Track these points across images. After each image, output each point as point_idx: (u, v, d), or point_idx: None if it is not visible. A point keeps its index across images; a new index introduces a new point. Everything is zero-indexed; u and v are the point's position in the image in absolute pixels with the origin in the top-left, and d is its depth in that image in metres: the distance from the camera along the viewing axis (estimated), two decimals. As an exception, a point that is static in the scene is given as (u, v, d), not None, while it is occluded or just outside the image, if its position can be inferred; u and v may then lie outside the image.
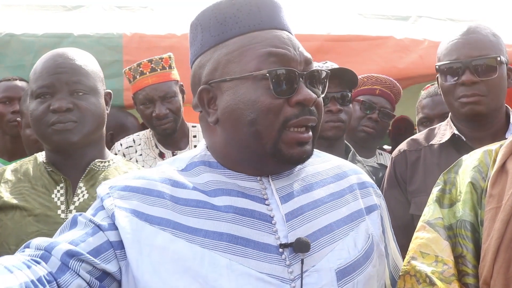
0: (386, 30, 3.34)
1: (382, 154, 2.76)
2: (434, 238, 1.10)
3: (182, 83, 2.54)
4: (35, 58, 1.54)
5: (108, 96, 1.60)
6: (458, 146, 1.76)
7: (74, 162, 1.52)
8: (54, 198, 1.48)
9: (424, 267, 1.07)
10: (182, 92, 2.55)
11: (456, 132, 1.77)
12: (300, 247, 0.93)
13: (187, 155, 1.08)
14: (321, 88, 1.02)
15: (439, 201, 1.15)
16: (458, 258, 1.07)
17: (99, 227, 0.93)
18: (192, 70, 1.05)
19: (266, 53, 0.95)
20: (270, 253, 0.93)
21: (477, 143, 1.60)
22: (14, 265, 0.82)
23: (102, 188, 1.00)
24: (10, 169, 1.56)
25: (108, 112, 1.58)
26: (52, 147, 1.52)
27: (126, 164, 1.63)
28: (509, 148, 1.08)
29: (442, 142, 1.81)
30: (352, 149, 2.05)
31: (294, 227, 0.97)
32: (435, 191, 1.18)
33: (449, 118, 1.87)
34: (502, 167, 1.07)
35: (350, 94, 1.94)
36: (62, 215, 1.45)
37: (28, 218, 1.43)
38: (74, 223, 0.96)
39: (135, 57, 2.75)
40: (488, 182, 1.08)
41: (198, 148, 1.09)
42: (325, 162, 1.13)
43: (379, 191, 1.17)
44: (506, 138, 1.15)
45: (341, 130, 1.93)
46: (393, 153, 1.99)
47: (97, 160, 1.55)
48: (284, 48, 0.96)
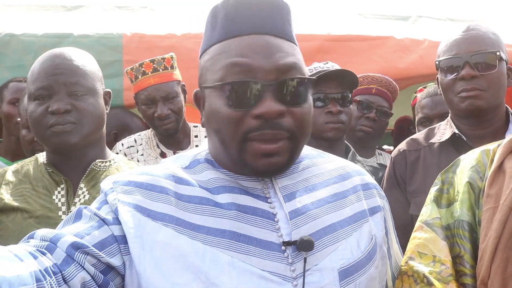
0: (386, 30, 3.34)
1: (381, 154, 2.76)
2: (432, 238, 1.10)
3: (184, 83, 2.55)
4: (35, 58, 1.53)
5: (107, 95, 1.59)
6: (458, 146, 1.75)
7: (74, 163, 1.51)
8: (55, 200, 1.47)
9: (421, 267, 1.07)
10: (184, 92, 2.56)
11: (456, 131, 1.77)
12: (303, 246, 0.93)
13: (191, 153, 1.08)
14: (299, 97, 0.95)
15: (437, 201, 1.15)
16: (455, 258, 1.07)
17: (104, 221, 0.93)
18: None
19: (229, 63, 0.94)
20: (272, 251, 0.93)
21: (477, 142, 1.60)
22: (23, 254, 0.82)
23: (106, 183, 1.01)
24: (11, 170, 1.56)
25: (107, 111, 1.57)
26: (51, 149, 1.51)
27: (128, 163, 1.63)
28: (506, 147, 1.08)
29: (442, 141, 1.81)
30: (352, 149, 2.05)
31: (298, 225, 0.96)
32: (433, 191, 1.17)
33: (449, 118, 1.87)
34: (500, 167, 1.07)
35: (350, 95, 1.94)
36: (63, 216, 1.44)
37: (29, 220, 1.43)
38: (78, 216, 0.95)
39: (135, 57, 2.76)
40: (485, 182, 1.07)
41: (202, 146, 1.10)
42: (329, 163, 1.12)
43: (383, 193, 1.17)
44: (505, 138, 1.15)
45: (341, 131, 1.93)
46: (392, 153, 1.98)
47: (97, 160, 1.54)
48: (250, 57, 0.93)
